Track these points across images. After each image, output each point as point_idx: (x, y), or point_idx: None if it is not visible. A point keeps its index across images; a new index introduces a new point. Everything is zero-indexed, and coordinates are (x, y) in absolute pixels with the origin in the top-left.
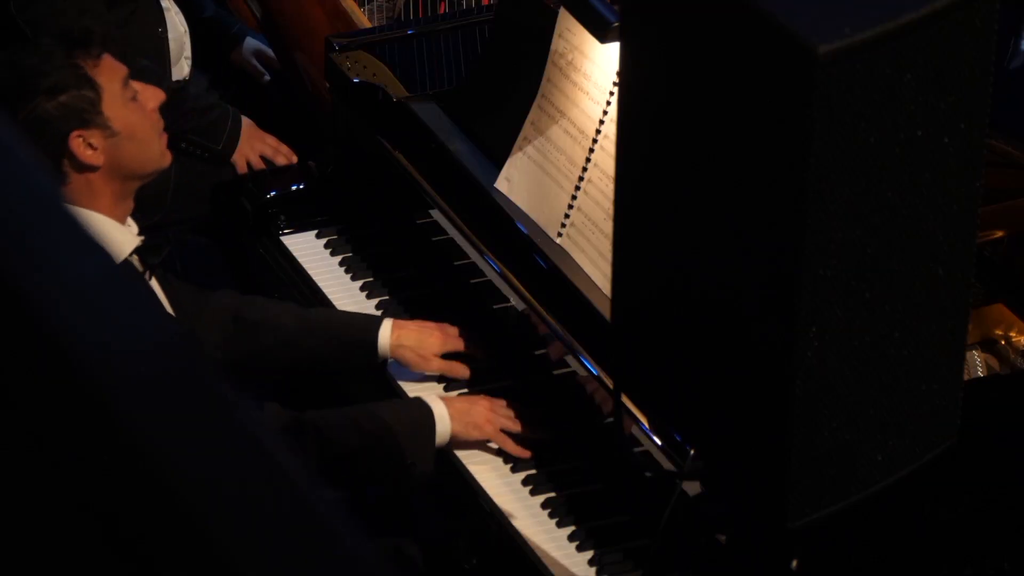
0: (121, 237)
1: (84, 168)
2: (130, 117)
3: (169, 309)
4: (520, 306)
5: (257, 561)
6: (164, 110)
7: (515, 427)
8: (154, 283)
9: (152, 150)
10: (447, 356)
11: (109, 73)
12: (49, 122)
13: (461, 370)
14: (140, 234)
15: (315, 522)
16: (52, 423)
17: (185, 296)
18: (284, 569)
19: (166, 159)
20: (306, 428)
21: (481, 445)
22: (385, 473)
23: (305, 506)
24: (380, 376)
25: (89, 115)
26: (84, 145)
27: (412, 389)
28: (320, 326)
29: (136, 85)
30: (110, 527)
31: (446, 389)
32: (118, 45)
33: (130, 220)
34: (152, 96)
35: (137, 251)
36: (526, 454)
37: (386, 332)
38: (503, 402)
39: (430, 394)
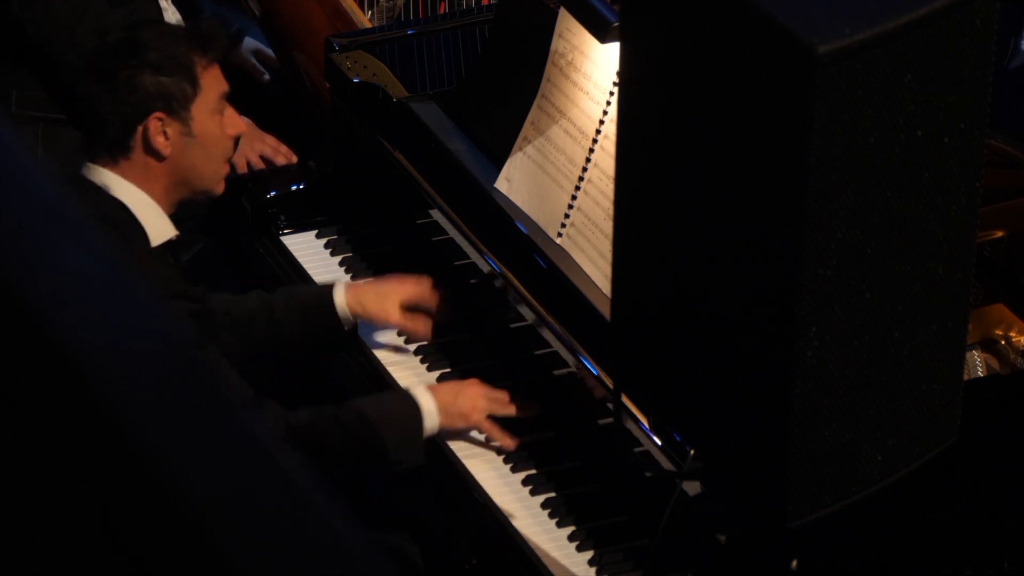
0: (161, 224)
1: (149, 151)
2: (211, 128)
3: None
4: (520, 306)
5: (257, 561)
6: None
7: (503, 410)
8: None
9: (214, 169)
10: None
11: (212, 81)
12: (140, 92)
13: (424, 324)
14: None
15: (316, 522)
16: (52, 423)
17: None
18: (284, 569)
19: (219, 187)
20: (290, 431)
21: (481, 443)
22: (373, 469)
23: (305, 506)
24: (370, 367)
25: (178, 105)
26: (159, 130)
27: (401, 375)
28: (282, 304)
29: (228, 107)
30: (109, 527)
31: (430, 370)
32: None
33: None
34: (236, 124)
35: (168, 244)
36: (511, 444)
37: (340, 291)
38: (488, 388)
39: (417, 384)
